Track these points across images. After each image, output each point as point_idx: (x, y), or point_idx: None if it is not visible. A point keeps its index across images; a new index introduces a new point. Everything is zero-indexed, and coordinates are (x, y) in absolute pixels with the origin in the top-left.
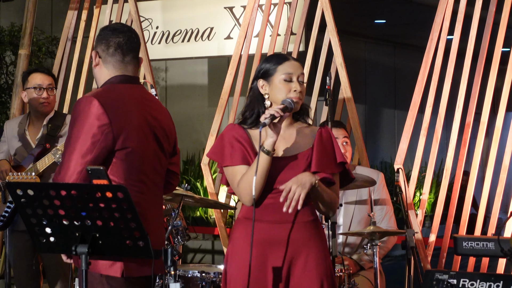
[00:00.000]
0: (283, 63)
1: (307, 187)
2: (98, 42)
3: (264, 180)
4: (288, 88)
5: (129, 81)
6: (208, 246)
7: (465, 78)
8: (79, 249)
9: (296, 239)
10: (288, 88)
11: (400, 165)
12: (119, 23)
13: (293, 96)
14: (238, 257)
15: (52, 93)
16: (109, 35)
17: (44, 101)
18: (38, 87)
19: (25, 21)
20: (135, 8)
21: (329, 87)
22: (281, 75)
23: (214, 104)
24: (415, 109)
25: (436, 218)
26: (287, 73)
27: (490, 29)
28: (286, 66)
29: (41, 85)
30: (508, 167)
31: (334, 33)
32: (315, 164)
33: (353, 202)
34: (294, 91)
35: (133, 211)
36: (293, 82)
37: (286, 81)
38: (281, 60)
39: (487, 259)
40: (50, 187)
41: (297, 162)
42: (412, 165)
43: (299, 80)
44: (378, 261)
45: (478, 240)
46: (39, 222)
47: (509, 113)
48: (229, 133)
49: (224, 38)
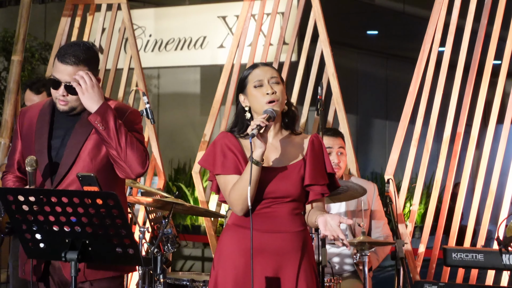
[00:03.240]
0: (252, 71)
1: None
2: (95, 63)
3: (255, 190)
4: (261, 93)
5: None
6: (198, 254)
7: (456, 89)
8: (68, 256)
9: (285, 249)
10: (261, 93)
11: (390, 175)
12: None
13: (268, 99)
14: (225, 263)
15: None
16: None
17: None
18: None
19: (18, 27)
20: (128, 16)
21: (321, 97)
22: (252, 83)
23: (206, 112)
24: (406, 120)
25: (426, 229)
26: (257, 80)
27: (481, 41)
28: (255, 74)
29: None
30: (498, 179)
31: (326, 43)
32: (308, 177)
33: (352, 212)
34: (267, 94)
35: (123, 218)
36: (264, 86)
37: (256, 87)
38: (250, 69)
39: (476, 271)
40: (40, 193)
41: (289, 173)
42: (402, 176)
43: (271, 82)
44: (367, 270)
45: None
46: (29, 228)
47: (499, 125)
48: (221, 141)
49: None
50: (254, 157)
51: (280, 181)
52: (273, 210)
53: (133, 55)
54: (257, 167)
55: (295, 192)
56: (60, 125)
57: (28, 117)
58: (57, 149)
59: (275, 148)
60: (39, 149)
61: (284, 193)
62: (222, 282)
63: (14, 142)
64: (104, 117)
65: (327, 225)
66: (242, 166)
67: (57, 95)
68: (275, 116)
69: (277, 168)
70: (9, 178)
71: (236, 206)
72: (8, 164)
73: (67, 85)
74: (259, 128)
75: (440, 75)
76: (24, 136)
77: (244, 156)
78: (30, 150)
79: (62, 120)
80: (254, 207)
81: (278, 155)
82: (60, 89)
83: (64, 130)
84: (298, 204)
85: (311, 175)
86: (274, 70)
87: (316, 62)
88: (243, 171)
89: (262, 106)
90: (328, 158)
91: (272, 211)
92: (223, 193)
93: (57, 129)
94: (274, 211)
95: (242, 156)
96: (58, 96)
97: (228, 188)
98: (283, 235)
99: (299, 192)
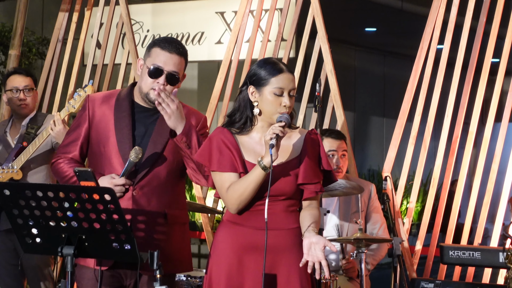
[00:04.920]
0: (277, 75)
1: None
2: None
3: (255, 193)
4: (278, 103)
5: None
6: (195, 250)
7: (454, 87)
8: (65, 251)
9: (279, 246)
10: (278, 103)
11: (388, 173)
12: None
13: (282, 111)
14: (219, 260)
15: (30, 94)
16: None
17: (21, 103)
18: (14, 89)
19: (16, 21)
20: (126, 11)
21: (319, 93)
22: (272, 88)
23: (203, 108)
24: (404, 118)
25: (423, 226)
26: (279, 88)
27: (480, 39)
28: (279, 80)
29: (17, 87)
30: (496, 177)
31: (324, 40)
32: (302, 176)
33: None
34: (284, 106)
35: (119, 213)
36: (284, 97)
37: (276, 94)
38: (276, 72)
39: (473, 269)
40: (37, 188)
41: (283, 171)
42: (399, 174)
43: (290, 94)
44: (364, 268)
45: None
46: (26, 223)
47: (497, 123)
48: (218, 136)
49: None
50: (264, 163)
51: (274, 179)
52: (268, 207)
53: (130, 50)
54: (263, 173)
55: (289, 190)
56: (140, 119)
57: (99, 105)
58: (139, 144)
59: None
60: (121, 140)
61: (278, 192)
62: (216, 278)
63: (75, 127)
64: (188, 136)
65: (310, 249)
66: (238, 164)
67: (155, 84)
68: (290, 123)
69: (275, 166)
70: (63, 163)
71: (232, 205)
72: (65, 151)
73: (171, 73)
74: (277, 137)
75: (438, 73)
76: (96, 124)
77: (240, 154)
78: (104, 139)
79: (141, 115)
80: (251, 205)
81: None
82: (161, 78)
83: (145, 126)
84: (293, 202)
85: (305, 174)
86: (294, 82)
87: (314, 59)
88: (239, 169)
89: (273, 113)
90: (324, 154)
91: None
92: (218, 190)
93: (138, 122)
94: (268, 208)
95: (238, 153)
96: (155, 85)
97: (225, 186)
98: (278, 232)
99: (294, 190)
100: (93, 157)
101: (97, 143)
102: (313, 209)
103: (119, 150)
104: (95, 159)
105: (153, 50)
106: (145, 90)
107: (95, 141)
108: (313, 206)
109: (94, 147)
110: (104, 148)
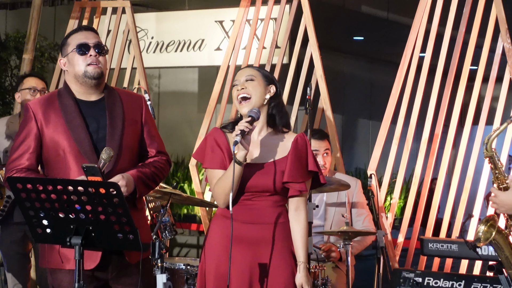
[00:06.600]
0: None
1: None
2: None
3: (237, 186)
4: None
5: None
6: (194, 242)
7: (435, 92)
8: (73, 241)
9: (263, 239)
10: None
11: (373, 171)
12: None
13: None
14: (211, 251)
15: None
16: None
17: None
18: (33, 88)
19: (29, 28)
20: (132, 19)
21: (310, 97)
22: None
23: (203, 110)
24: (389, 120)
25: (405, 221)
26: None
27: (459, 48)
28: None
29: (35, 87)
30: (473, 176)
31: (315, 47)
32: (286, 175)
33: (333, 204)
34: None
35: (124, 206)
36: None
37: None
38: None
39: (451, 260)
40: (48, 182)
41: (269, 169)
42: (384, 172)
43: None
44: (350, 259)
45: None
46: (37, 215)
47: (475, 126)
48: (211, 136)
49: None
50: (238, 158)
51: (260, 176)
52: (254, 202)
53: (136, 55)
54: (239, 167)
55: (274, 187)
56: (89, 115)
57: (43, 110)
58: (96, 139)
59: (258, 145)
60: (78, 140)
61: (263, 188)
62: (208, 267)
63: (23, 140)
64: (145, 188)
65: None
66: (227, 162)
67: (88, 59)
68: (259, 117)
69: (258, 164)
70: (20, 173)
71: (218, 200)
72: (18, 163)
73: (97, 44)
74: (242, 133)
75: (420, 78)
76: (47, 129)
77: (230, 152)
78: (61, 142)
79: (88, 110)
80: (237, 199)
81: (261, 152)
82: (91, 50)
83: (96, 121)
84: (280, 198)
85: (289, 173)
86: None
87: (306, 65)
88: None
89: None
90: (312, 157)
91: (252, 204)
92: (210, 185)
93: (88, 118)
94: (254, 203)
95: (228, 152)
96: (89, 59)
97: (213, 182)
98: (262, 226)
99: (279, 187)
100: (49, 163)
101: (53, 148)
102: (300, 218)
103: (79, 150)
104: (52, 164)
105: (68, 41)
106: (82, 70)
107: (50, 146)
108: (300, 213)
109: (50, 152)
110: (63, 151)
